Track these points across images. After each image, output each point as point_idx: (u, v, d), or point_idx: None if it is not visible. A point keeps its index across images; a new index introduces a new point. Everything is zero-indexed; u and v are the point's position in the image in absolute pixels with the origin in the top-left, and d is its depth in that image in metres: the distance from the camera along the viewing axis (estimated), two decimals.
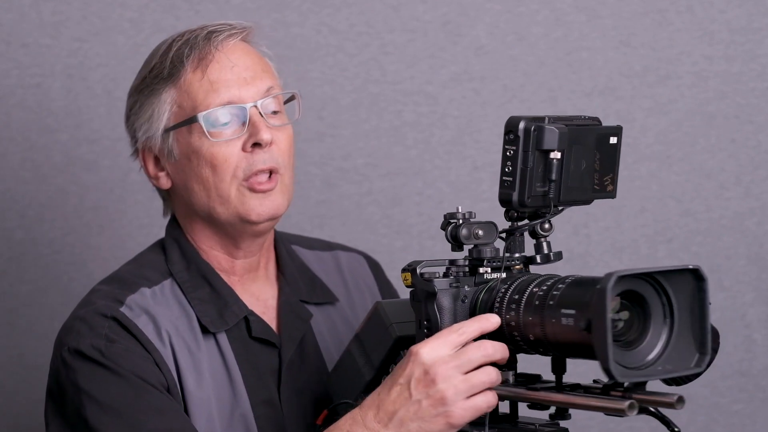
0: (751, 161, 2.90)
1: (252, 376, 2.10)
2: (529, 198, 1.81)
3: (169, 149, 2.12)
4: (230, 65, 2.09)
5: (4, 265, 2.79)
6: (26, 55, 2.78)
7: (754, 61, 2.90)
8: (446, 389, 1.77)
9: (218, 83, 2.08)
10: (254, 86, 2.10)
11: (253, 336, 2.12)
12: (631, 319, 1.70)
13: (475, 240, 1.86)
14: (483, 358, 1.78)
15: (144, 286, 2.09)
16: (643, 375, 1.67)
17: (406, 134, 2.87)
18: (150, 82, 2.13)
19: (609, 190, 1.86)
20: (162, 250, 2.17)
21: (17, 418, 2.79)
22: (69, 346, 2.02)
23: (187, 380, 2.04)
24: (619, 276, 1.62)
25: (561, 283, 1.74)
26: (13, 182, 2.78)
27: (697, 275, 1.68)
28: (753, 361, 2.91)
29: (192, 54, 2.09)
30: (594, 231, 2.89)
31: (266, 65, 2.15)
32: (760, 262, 2.91)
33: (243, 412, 2.08)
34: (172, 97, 2.11)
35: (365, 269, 2.34)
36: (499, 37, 2.87)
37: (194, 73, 2.09)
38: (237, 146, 2.08)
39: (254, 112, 2.08)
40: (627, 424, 2.85)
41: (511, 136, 1.81)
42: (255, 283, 2.18)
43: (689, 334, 1.69)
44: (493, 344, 1.78)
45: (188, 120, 2.09)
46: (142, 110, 2.14)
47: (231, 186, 2.08)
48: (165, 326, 2.05)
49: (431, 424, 1.79)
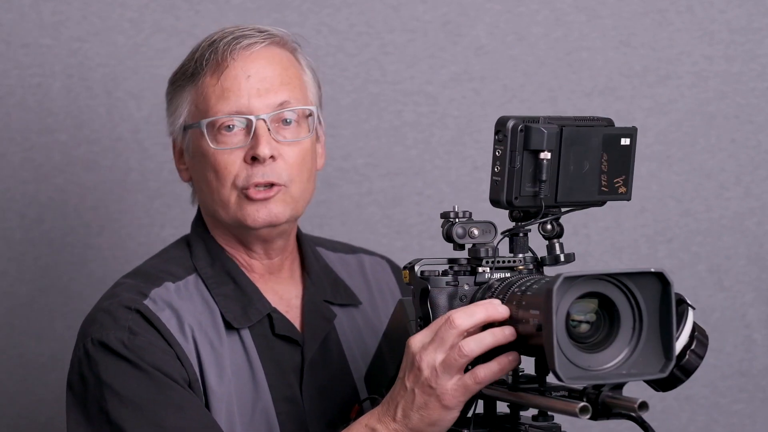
0: (751, 161, 2.90)
1: (274, 373, 2.10)
2: (518, 198, 1.80)
3: (186, 145, 2.15)
4: (246, 75, 2.09)
5: (4, 265, 2.79)
6: (26, 55, 2.78)
7: (754, 61, 2.90)
8: (430, 374, 1.78)
9: (230, 91, 2.09)
10: (267, 99, 2.09)
11: (276, 333, 2.12)
12: (598, 322, 1.69)
13: (471, 239, 1.85)
14: (456, 335, 1.76)
15: (168, 281, 2.10)
16: (597, 378, 1.66)
17: (406, 134, 2.87)
18: (179, 77, 2.16)
19: (621, 191, 1.85)
20: (187, 246, 2.18)
21: (17, 419, 2.79)
22: (93, 337, 2.03)
23: (209, 375, 2.05)
24: (568, 277, 1.61)
25: (536, 284, 1.74)
26: (13, 182, 2.78)
27: (662, 279, 1.66)
28: (753, 361, 2.91)
29: (212, 58, 2.10)
30: (594, 231, 2.89)
31: (291, 77, 2.13)
32: (760, 262, 2.91)
33: (265, 408, 2.08)
34: (191, 97, 2.13)
35: (388, 274, 2.35)
36: (499, 37, 2.87)
37: (211, 77, 2.10)
38: (239, 155, 2.08)
39: (261, 125, 2.08)
40: (627, 424, 2.84)
41: (499, 135, 1.81)
42: (278, 284, 2.19)
43: (657, 339, 1.67)
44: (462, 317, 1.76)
45: (196, 123, 2.10)
46: (171, 103, 2.18)
47: (231, 193, 2.09)
48: (188, 321, 2.06)
49: (429, 410, 1.80)
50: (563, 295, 1.62)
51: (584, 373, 1.65)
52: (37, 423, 2.79)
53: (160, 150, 2.79)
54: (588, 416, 1.65)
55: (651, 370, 1.67)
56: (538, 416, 1.80)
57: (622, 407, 1.67)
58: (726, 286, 2.90)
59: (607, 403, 1.68)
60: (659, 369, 1.67)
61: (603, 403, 1.68)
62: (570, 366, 1.63)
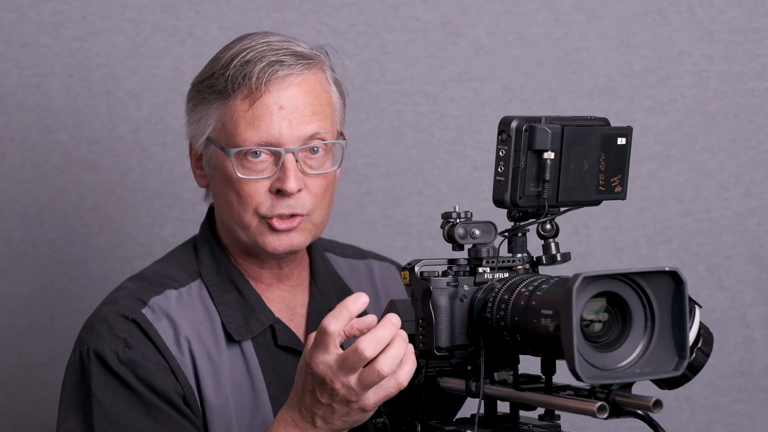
0: (751, 161, 2.90)
1: (276, 384, 2.10)
2: (522, 198, 1.80)
3: (208, 157, 2.12)
4: (278, 105, 2.06)
5: (4, 265, 2.79)
6: (26, 55, 2.78)
7: (754, 61, 2.90)
8: (347, 393, 1.80)
9: (261, 120, 2.06)
10: (298, 131, 2.06)
11: (279, 344, 2.12)
12: (611, 321, 1.69)
13: (472, 239, 1.85)
14: (360, 360, 1.78)
15: (170, 288, 2.10)
16: (613, 377, 1.66)
17: (406, 134, 2.86)
18: (206, 89, 2.10)
19: (618, 191, 1.85)
20: (194, 250, 2.18)
21: (17, 419, 2.79)
22: (89, 346, 2.03)
23: (205, 388, 2.05)
24: (587, 277, 1.62)
25: (546, 284, 1.74)
26: (13, 182, 2.78)
27: (676, 277, 1.66)
28: (753, 361, 2.91)
29: (245, 83, 2.06)
30: (594, 231, 2.89)
31: (322, 106, 2.11)
32: (760, 262, 2.91)
33: (264, 420, 2.08)
34: (219, 114, 2.09)
35: (397, 280, 2.34)
36: (499, 37, 2.87)
37: (242, 103, 2.06)
38: (265, 185, 2.07)
39: (290, 158, 2.06)
40: (627, 424, 2.85)
41: (503, 135, 1.80)
42: (286, 291, 2.19)
43: (669, 338, 1.67)
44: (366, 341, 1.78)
45: (223, 148, 2.08)
46: (195, 111, 2.13)
47: (252, 219, 2.08)
48: (185, 332, 2.06)
49: (350, 416, 1.83)
50: (579, 295, 1.63)
51: (599, 372, 1.65)
52: (37, 423, 2.79)
53: (160, 150, 2.79)
54: (606, 415, 1.66)
55: (664, 368, 1.67)
56: (545, 416, 1.80)
57: (635, 406, 1.67)
58: (726, 286, 2.90)
59: (618, 402, 1.68)
60: (673, 367, 1.67)
61: (614, 402, 1.68)
62: (586, 365, 1.63)
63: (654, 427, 1.74)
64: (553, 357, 1.75)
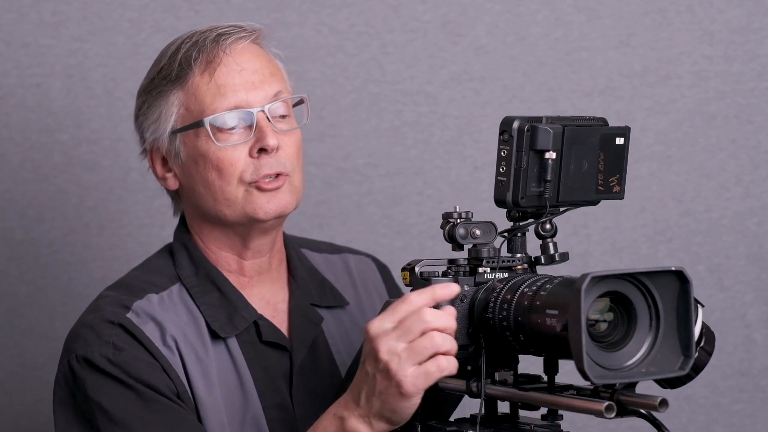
0: (751, 161, 2.90)
1: (263, 379, 2.10)
2: (524, 198, 1.80)
3: (176, 151, 2.12)
4: (238, 69, 2.08)
5: (4, 265, 2.79)
6: (26, 55, 2.78)
7: (754, 61, 2.90)
8: (390, 360, 1.77)
9: (226, 87, 2.08)
10: (262, 90, 2.09)
11: (264, 340, 2.12)
12: (616, 320, 1.69)
13: (473, 239, 1.86)
14: (422, 325, 1.77)
15: (151, 292, 2.09)
16: (621, 377, 1.67)
17: (406, 134, 2.87)
18: (158, 83, 2.12)
19: (616, 191, 1.86)
20: (170, 255, 2.17)
21: (17, 419, 2.79)
22: (77, 354, 2.02)
23: (197, 387, 2.04)
24: (595, 276, 1.62)
25: (550, 284, 1.74)
26: (13, 182, 2.78)
27: (681, 277, 1.66)
28: (753, 361, 2.91)
29: (200, 56, 2.08)
30: (594, 231, 2.89)
31: (275, 68, 2.14)
32: (760, 262, 2.91)
33: (255, 416, 2.08)
34: (180, 100, 2.10)
35: (374, 272, 2.34)
36: (499, 37, 2.87)
37: (202, 77, 2.09)
38: (243, 151, 2.07)
39: (261, 116, 2.07)
40: (627, 424, 2.85)
41: (505, 135, 1.80)
42: (266, 286, 2.18)
43: (675, 337, 1.68)
44: (434, 312, 1.78)
45: (195, 123, 2.08)
46: (150, 111, 2.13)
47: (238, 189, 2.07)
48: (172, 332, 2.05)
49: (388, 397, 1.80)
50: (587, 295, 1.63)
51: (606, 372, 1.66)
52: (36, 423, 2.79)
53: None
54: (613, 415, 1.66)
55: (670, 367, 1.68)
56: (548, 416, 1.80)
57: (641, 405, 1.67)
58: (726, 286, 2.90)
59: (623, 401, 1.68)
60: (678, 366, 1.68)
61: (619, 402, 1.69)
62: (593, 365, 1.63)
63: (658, 427, 1.74)
64: (558, 357, 1.75)
